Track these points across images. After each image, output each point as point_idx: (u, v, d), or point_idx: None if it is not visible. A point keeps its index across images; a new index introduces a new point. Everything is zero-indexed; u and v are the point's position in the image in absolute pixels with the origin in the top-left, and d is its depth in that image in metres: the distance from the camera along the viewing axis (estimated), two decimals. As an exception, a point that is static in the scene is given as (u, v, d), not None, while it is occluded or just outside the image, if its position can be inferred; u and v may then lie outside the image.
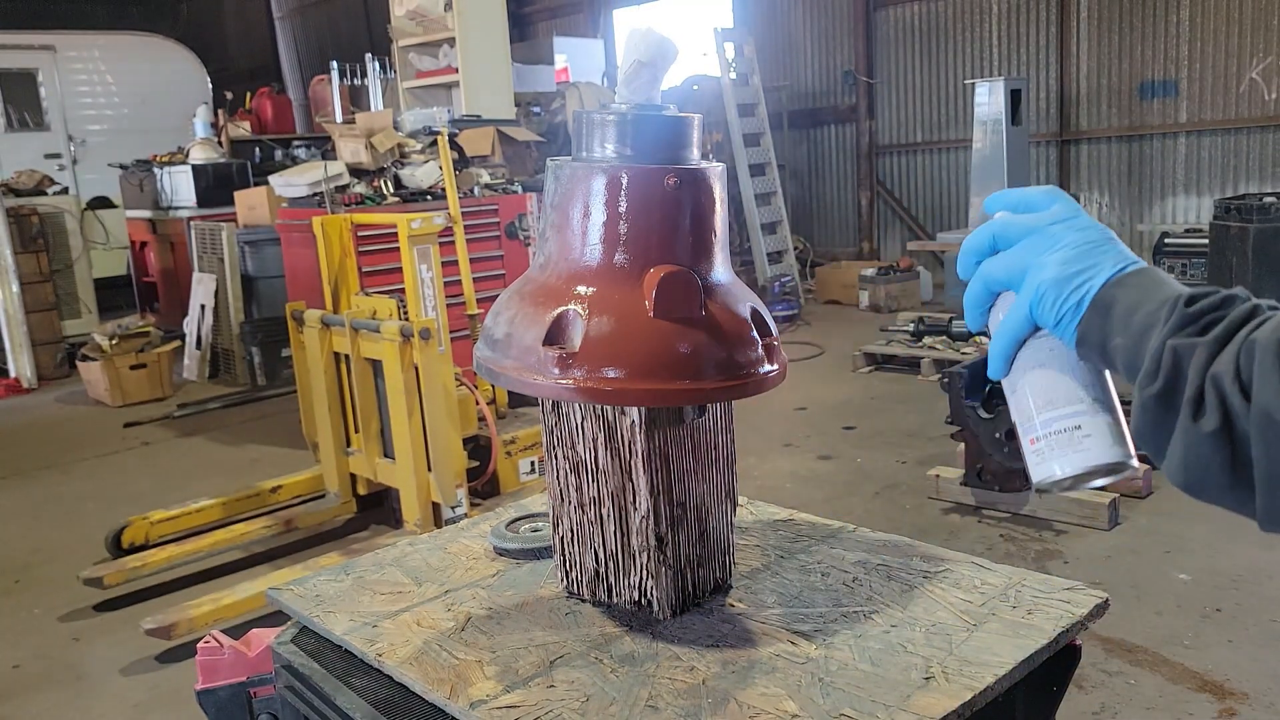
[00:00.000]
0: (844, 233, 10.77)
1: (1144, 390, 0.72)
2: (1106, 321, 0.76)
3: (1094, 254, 0.79)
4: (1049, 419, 0.82)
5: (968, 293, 0.86)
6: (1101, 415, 0.82)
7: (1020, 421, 0.84)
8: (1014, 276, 0.81)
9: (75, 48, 11.88)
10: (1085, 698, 2.71)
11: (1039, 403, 0.82)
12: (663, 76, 1.05)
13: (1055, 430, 0.81)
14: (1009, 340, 0.83)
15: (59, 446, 5.94)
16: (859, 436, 5.19)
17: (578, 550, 1.18)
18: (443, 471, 3.75)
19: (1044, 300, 0.79)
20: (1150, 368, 0.72)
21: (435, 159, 5.26)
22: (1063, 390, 0.82)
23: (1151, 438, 0.73)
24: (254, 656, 1.24)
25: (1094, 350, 0.78)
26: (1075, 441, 0.81)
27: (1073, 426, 0.81)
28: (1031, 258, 0.80)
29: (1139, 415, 0.73)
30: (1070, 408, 0.81)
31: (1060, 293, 0.78)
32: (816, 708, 0.94)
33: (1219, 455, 0.67)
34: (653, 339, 0.98)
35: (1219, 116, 8.06)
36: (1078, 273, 0.78)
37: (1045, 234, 0.81)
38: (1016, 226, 0.83)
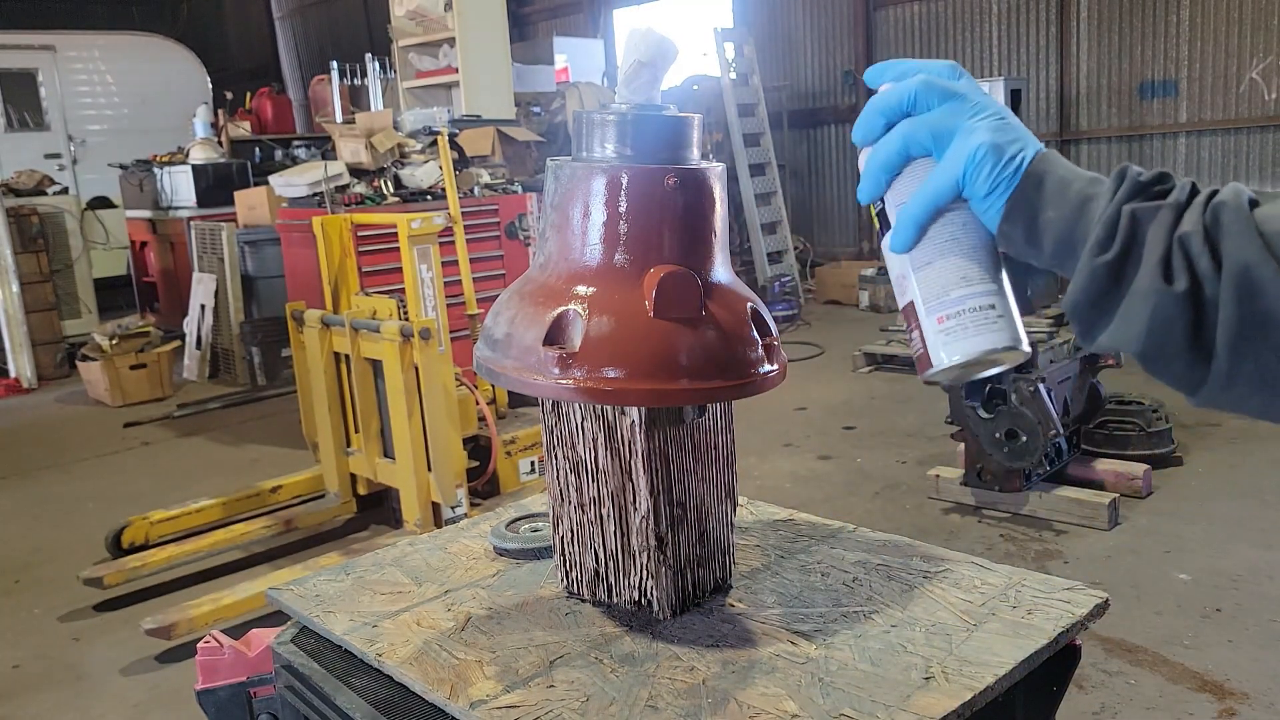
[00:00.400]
0: (844, 233, 10.77)
1: (1094, 259, 0.69)
2: (1038, 194, 0.73)
3: (1017, 127, 0.76)
4: (963, 295, 0.77)
5: (875, 155, 0.79)
6: (1008, 296, 0.79)
7: (925, 300, 0.79)
8: (940, 140, 0.76)
9: (75, 48, 11.89)
10: (1085, 698, 2.71)
11: (954, 279, 0.77)
12: (663, 76, 1.05)
13: (969, 308, 0.77)
14: (928, 208, 0.77)
15: (59, 446, 5.94)
16: (859, 436, 5.19)
17: (578, 550, 1.18)
18: (443, 471, 3.75)
19: (980, 166, 0.74)
20: (1103, 235, 0.69)
21: (435, 159, 5.26)
22: (978, 267, 0.78)
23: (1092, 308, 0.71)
24: (254, 656, 1.24)
25: (1020, 224, 0.74)
26: (989, 320, 0.77)
27: (987, 305, 0.77)
28: (959, 121, 0.76)
29: (1086, 284, 0.70)
30: (984, 285, 0.77)
31: (999, 158, 0.74)
32: (816, 708, 0.94)
33: (1184, 317, 0.66)
34: (653, 339, 0.98)
35: (1219, 116, 8.06)
36: (1012, 140, 0.74)
37: (970, 100, 0.77)
38: (939, 90, 0.77)
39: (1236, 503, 4.00)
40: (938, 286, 0.78)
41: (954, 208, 0.78)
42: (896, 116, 0.79)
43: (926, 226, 0.78)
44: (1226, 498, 4.06)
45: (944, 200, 0.77)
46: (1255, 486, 4.14)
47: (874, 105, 0.80)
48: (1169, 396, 4.64)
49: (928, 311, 0.79)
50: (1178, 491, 4.14)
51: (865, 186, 0.81)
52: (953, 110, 0.76)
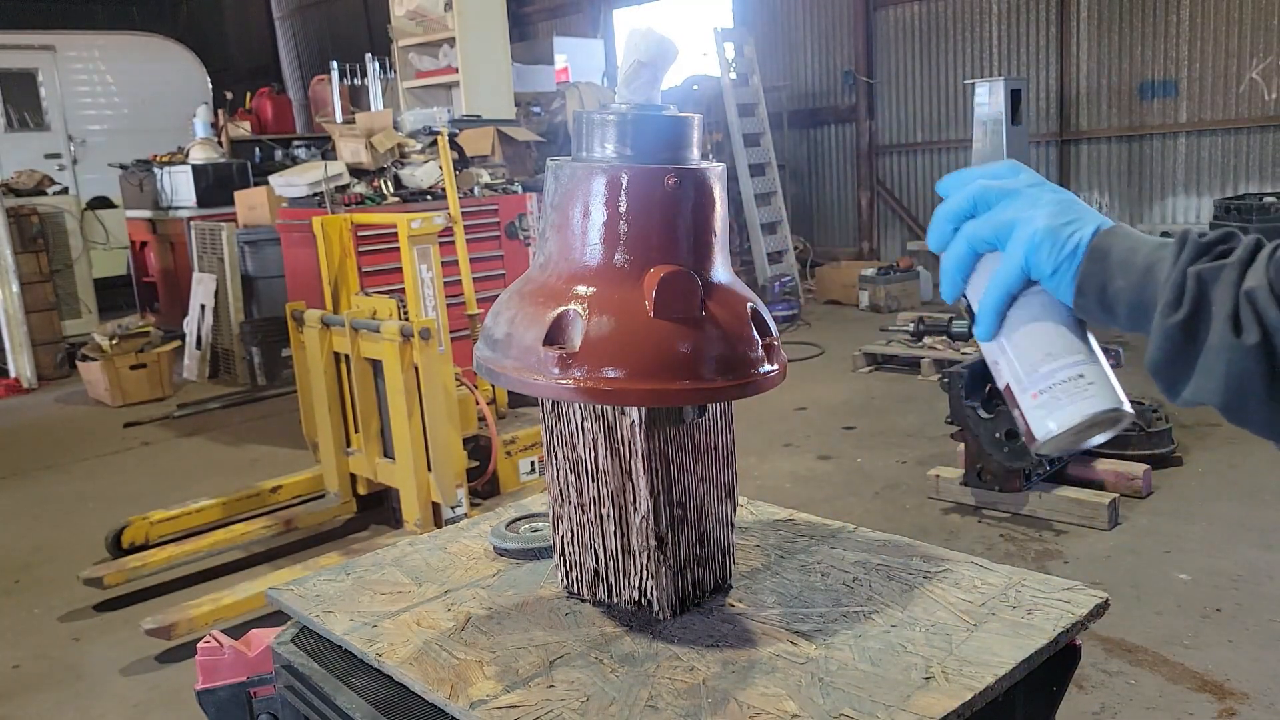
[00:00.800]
0: (844, 233, 10.76)
1: (1166, 319, 0.73)
2: (1105, 266, 0.78)
3: (1075, 208, 0.82)
4: (1052, 370, 0.82)
5: (949, 258, 0.86)
6: (1099, 363, 0.83)
7: (1017, 379, 0.83)
8: (1000, 234, 0.82)
9: (75, 48, 11.88)
10: (1085, 698, 2.71)
11: (1039, 355, 0.82)
12: (663, 76, 1.05)
13: (1060, 380, 0.81)
14: (1001, 295, 0.83)
15: (59, 446, 5.94)
16: (859, 436, 5.19)
17: (578, 550, 1.18)
18: (443, 471, 3.75)
19: (1039, 249, 0.80)
20: (1171, 297, 0.73)
21: (435, 159, 5.26)
22: (1061, 341, 0.82)
23: (1171, 367, 0.75)
24: (254, 656, 1.24)
25: (1092, 296, 0.79)
26: (1081, 389, 0.81)
27: (1076, 375, 0.81)
28: (1017, 213, 0.82)
29: (1161, 345, 0.74)
30: (1071, 357, 0.82)
31: (1056, 240, 0.79)
32: (816, 708, 0.94)
33: (1260, 368, 0.70)
34: (653, 339, 0.98)
35: (1219, 116, 8.06)
36: (1067, 223, 0.80)
37: (1024, 194, 0.83)
38: (995, 190, 0.84)
39: (1236, 503, 4.00)
40: (1026, 364, 0.83)
41: (1029, 291, 0.83)
42: (962, 220, 0.86)
43: (1004, 312, 0.83)
44: (1226, 498, 4.06)
45: (1013, 286, 0.82)
46: (1255, 486, 4.14)
47: (941, 213, 0.87)
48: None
49: (1021, 390, 0.83)
50: (1178, 491, 4.14)
51: (945, 286, 0.88)
52: (1010, 206, 0.83)
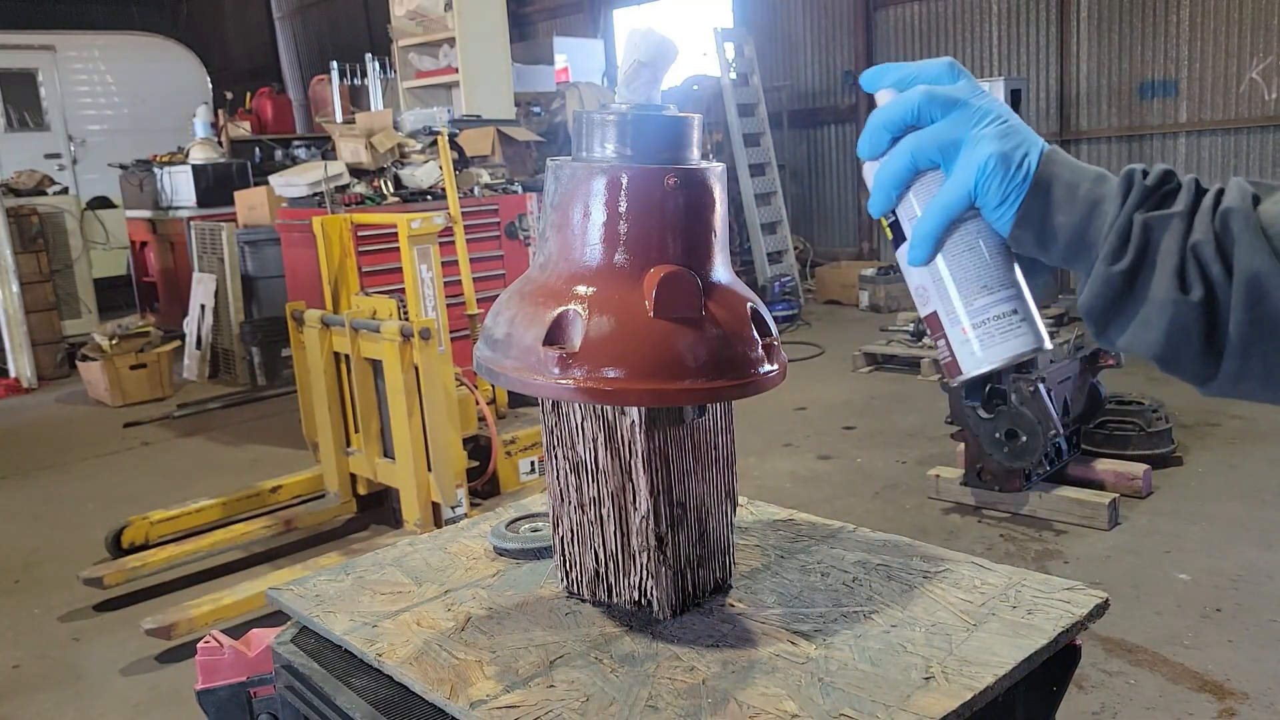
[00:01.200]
0: (844, 233, 10.77)
1: (1110, 266, 0.72)
2: (1047, 199, 0.75)
3: (1019, 127, 0.77)
4: (984, 304, 0.79)
5: (885, 170, 0.80)
6: (1027, 298, 0.81)
7: (949, 310, 0.81)
8: (947, 152, 0.77)
9: (75, 48, 11.89)
10: (1085, 698, 2.71)
11: (974, 287, 0.79)
12: (663, 76, 1.05)
13: (992, 316, 0.79)
14: (943, 220, 0.78)
15: (59, 446, 5.94)
16: (859, 436, 5.19)
17: (578, 550, 1.18)
18: (443, 471, 3.75)
19: (991, 177, 0.75)
20: (1116, 245, 0.72)
21: (435, 159, 5.26)
22: (996, 273, 0.79)
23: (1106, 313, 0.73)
24: (254, 656, 1.24)
25: (1031, 229, 0.76)
26: (1014, 325, 0.79)
27: (1010, 311, 0.79)
28: (964, 131, 0.76)
29: (1101, 290, 0.73)
30: (1005, 291, 0.80)
31: (1008, 168, 0.75)
32: (816, 708, 0.94)
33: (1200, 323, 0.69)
34: (653, 339, 0.98)
35: (1219, 116, 8.06)
36: (1016, 148, 0.75)
37: (970, 107, 0.77)
38: (940, 100, 0.77)
39: (1236, 503, 4.00)
40: (959, 297, 0.80)
41: (966, 217, 0.79)
42: (901, 130, 0.80)
43: (942, 240, 0.79)
44: (1226, 498, 4.06)
45: (957, 213, 0.78)
46: (1255, 486, 4.14)
47: (877, 120, 0.80)
48: (1169, 396, 4.65)
49: (952, 322, 0.81)
50: (1178, 491, 4.14)
51: (876, 201, 0.82)
52: (956, 121, 0.77)
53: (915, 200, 0.80)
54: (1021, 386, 3.73)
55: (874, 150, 0.81)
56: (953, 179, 0.77)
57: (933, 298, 0.82)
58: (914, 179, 0.80)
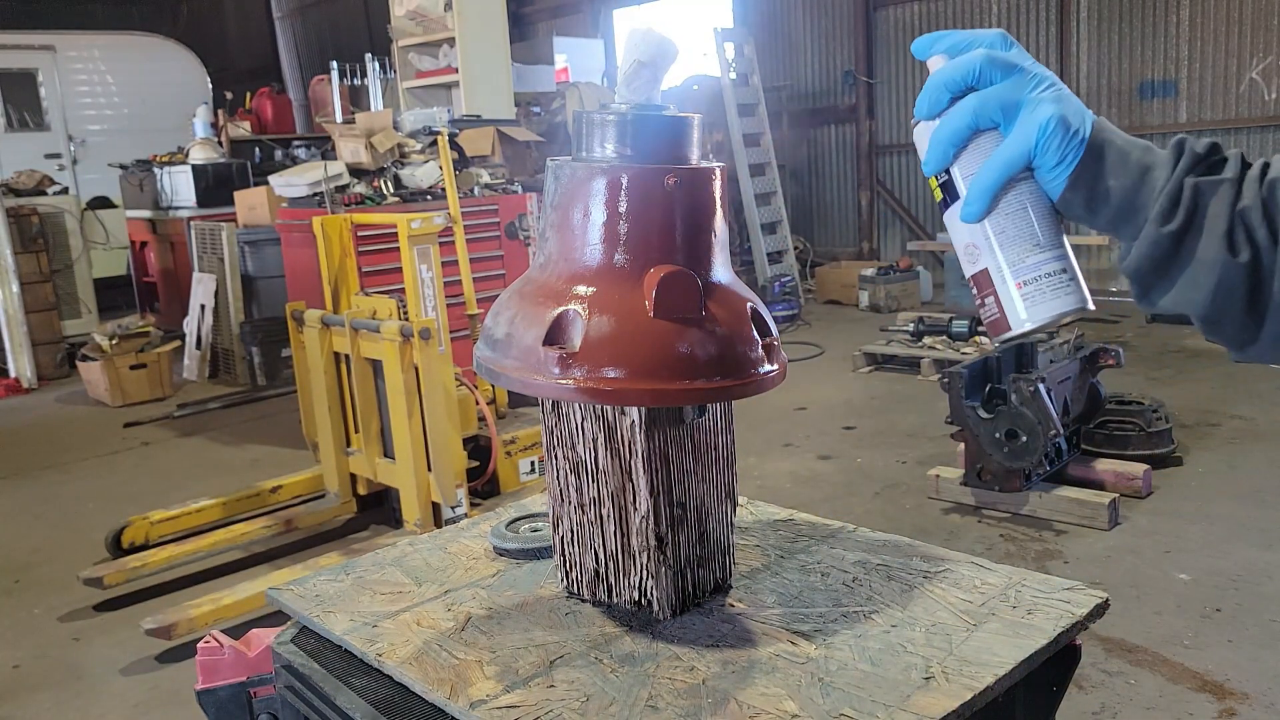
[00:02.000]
0: (844, 233, 10.77)
1: (1159, 228, 0.75)
2: (1100, 164, 0.78)
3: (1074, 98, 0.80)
4: (1036, 262, 0.82)
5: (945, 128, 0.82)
6: (1072, 258, 0.83)
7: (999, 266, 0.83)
8: (1009, 113, 0.79)
9: (75, 48, 11.88)
10: (1085, 698, 2.71)
11: (1028, 245, 0.82)
12: (663, 76, 1.05)
13: (1046, 273, 0.82)
14: (1001, 177, 0.80)
15: (59, 446, 5.94)
16: (859, 436, 5.19)
17: (578, 550, 1.18)
18: (443, 471, 3.75)
19: (1052, 138, 0.78)
20: (1166, 206, 0.75)
21: (435, 159, 5.26)
22: (1049, 232, 0.82)
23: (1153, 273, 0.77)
24: (254, 656, 1.24)
25: (1082, 192, 0.79)
26: (1064, 284, 0.82)
27: (1059, 269, 0.82)
28: (1023, 94, 0.79)
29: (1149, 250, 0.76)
30: (1055, 250, 0.82)
31: (1066, 131, 0.77)
32: (816, 708, 0.94)
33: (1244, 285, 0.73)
34: (653, 339, 0.98)
35: (1219, 116, 8.06)
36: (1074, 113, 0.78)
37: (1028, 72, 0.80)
38: (1000, 63, 0.80)
39: (1236, 503, 4.00)
40: (1014, 253, 0.82)
41: (1021, 177, 0.81)
42: (960, 91, 0.82)
43: (1000, 197, 0.81)
44: (1226, 498, 4.05)
45: (1016, 169, 0.80)
46: (1255, 486, 4.14)
47: (938, 80, 0.82)
48: (1169, 396, 4.65)
49: (1002, 279, 0.82)
50: (1178, 491, 4.14)
51: (932, 158, 0.84)
52: (1016, 84, 0.79)
53: (971, 159, 0.82)
54: (1021, 386, 3.73)
55: (934, 109, 0.83)
56: (1013, 137, 0.79)
57: (983, 255, 0.84)
58: (972, 138, 0.82)
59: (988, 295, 0.84)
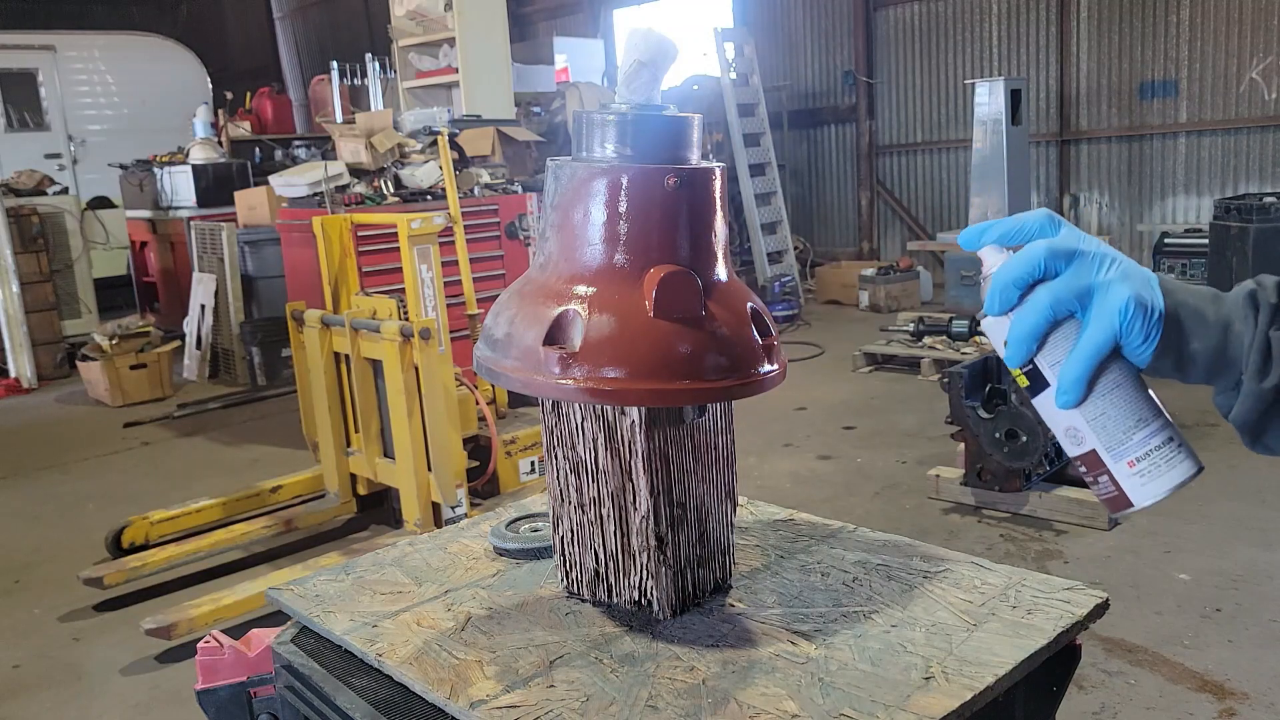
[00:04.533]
0: (844, 233, 10.77)
1: (1258, 384, 0.79)
2: (1180, 330, 0.81)
3: (1135, 267, 0.82)
4: (1144, 437, 0.82)
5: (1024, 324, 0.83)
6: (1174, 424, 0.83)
7: (1109, 447, 0.83)
8: (1083, 300, 0.81)
9: (75, 48, 11.88)
10: (1085, 698, 2.71)
11: (1131, 423, 0.82)
12: (663, 76, 1.05)
13: (1154, 447, 0.82)
14: (1092, 364, 0.81)
15: (59, 446, 5.94)
16: (859, 436, 5.19)
17: (578, 550, 1.18)
18: (443, 471, 3.75)
19: (1133, 321, 0.80)
20: (1259, 362, 0.79)
21: (435, 159, 5.26)
22: (1148, 407, 0.82)
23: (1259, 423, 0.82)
24: (254, 656, 1.24)
25: (1170, 359, 0.81)
26: (1174, 454, 0.82)
27: (1166, 439, 0.82)
28: (1094, 278, 0.81)
29: (1253, 404, 0.80)
30: (1157, 422, 0.82)
31: (1146, 312, 0.80)
32: (816, 708, 0.94)
33: None
34: (653, 339, 0.98)
35: (1219, 116, 8.06)
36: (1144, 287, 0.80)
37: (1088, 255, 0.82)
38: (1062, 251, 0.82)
39: (1236, 503, 4.00)
40: (1118, 434, 0.82)
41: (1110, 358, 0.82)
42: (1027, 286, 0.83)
43: (1093, 381, 0.82)
44: (1226, 498, 4.06)
45: (1104, 354, 0.81)
46: (1255, 486, 4.14)
47: (1006, 278, 0.83)
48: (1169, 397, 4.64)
49: (1115, 458, 0.83)
50: (1178, 491, 4.13)
51: (1016, 354, 0.84)
52: (1082, 269, 0.81)
53: (1055, 348, 0.83)
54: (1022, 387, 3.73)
55: (1005, 306, 0.84)
56: (1095, 324, 0.81)
57: (1088, 438, 0.83)
58: (1051, 329, 0.83)
59: (1100, 475, 0.84)
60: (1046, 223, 0.85)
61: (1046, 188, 9.05)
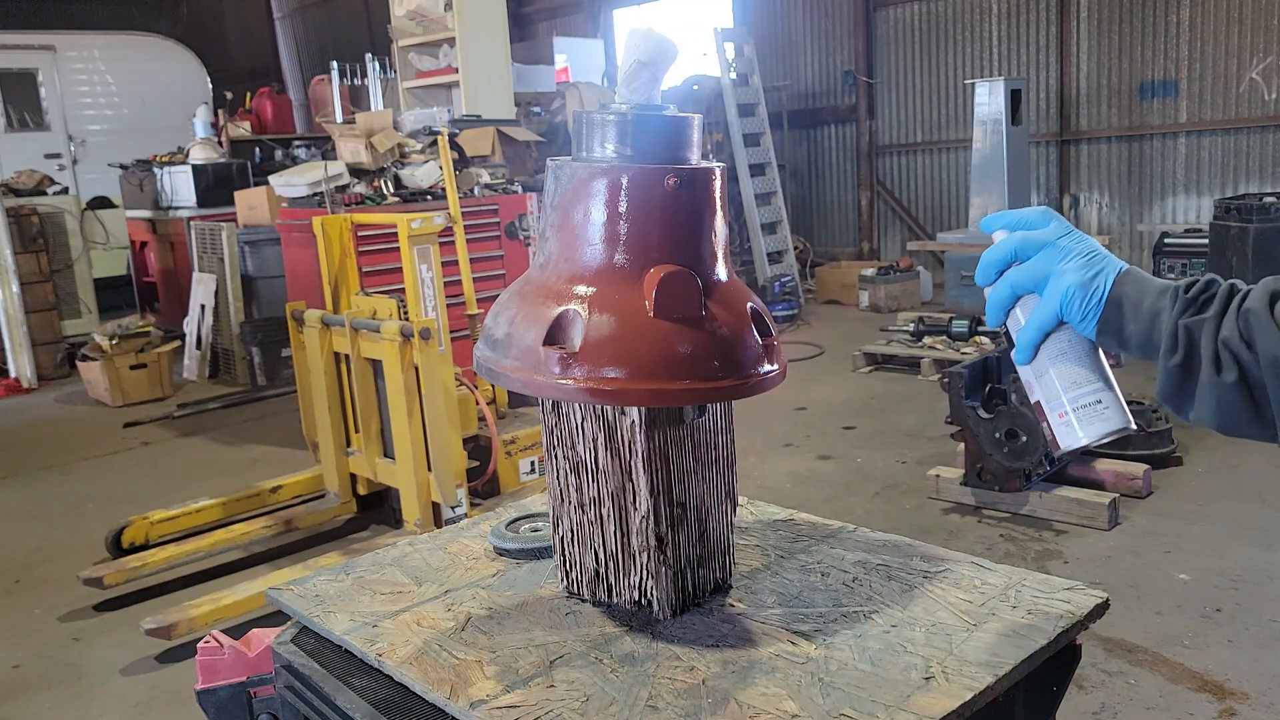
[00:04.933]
0: (844, 233, 10.77)
1: (1167, 361, 0.93)
2: (1119, 314, 0.97)
3: (1097, 261, 0.99)
4: (1075, 396, 1.00)
5: (993, 295, 1.04)
6: (1112, 390, 1.01)
7: (1047, 400, 1.01)
8: (1039, 282, 1.00)
9: (75, 48, 11.88)
10: (1085, 698, 2.71)
11: (1065, 383, 1.00)
12: (663, 76, 1.05)
13: (1081, 405, 1.00)
14: (1037, 332, 1.01)
15: (59, 446, 5.94)
16: (859, 436, 5.19)
17: (578, 550, 1.18)
18: (443, 471, 3.75)
19: (1073, 301, 0.98)
20: (1169, 344, 0.93)
21: (435, 159, 5.26)
22: (1083, 372, 1.00)
23: (1174, 397, 0.95)
24: (254, 656, 1.24)
25: (1110, 335, 0.98)
26: (1098, 412, 0.99)
27: (1094, 400, 1.00)
28: (1051, 265, 1.00)
29: (1164, 381, 0.94)
30: (1090, 386, 1.00)
31: (1085, 293, 0.98)
32: (816, 708, 0.94)
33: (1241, 398, 0.89)
34: (653, 339, 0.98)
35: (1219, 116, 8.06)
36: (1092, 277, 0.98)
37: (1056, 246, 1.01)
38: (1033, 241, 1.01)
39: (1236, 503, 4.00)
40: (1053, 390, 1.01)
41: (1059, 328, 1.01)
42: (1005, 265, 1.03)
43: (1039, 345, 1.01)
44: (1226, 498, 4.05)
45: (1048, 325, 1.00)
46: (1255, 486, 4.14)
47: (987, 259, 1.04)
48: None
49: (1049, 410, 1.01)
50: (1178, 491, 4.14)
51: (990, 318, 1.06)
52: (1046, 258, 1.00)
53: (1020, 315, 1.03)
54: (1022, 386, 3.73)
55: (985, 280, 1.05)
56: (1043, 302, 1.00)
57: (1035, 390, 1.03)
58: (1017, 301, 1.03)
59: (1042, 420, 1.02)
60: (1039, 216, 1.04)
61: (1046, 188, 9.05)
